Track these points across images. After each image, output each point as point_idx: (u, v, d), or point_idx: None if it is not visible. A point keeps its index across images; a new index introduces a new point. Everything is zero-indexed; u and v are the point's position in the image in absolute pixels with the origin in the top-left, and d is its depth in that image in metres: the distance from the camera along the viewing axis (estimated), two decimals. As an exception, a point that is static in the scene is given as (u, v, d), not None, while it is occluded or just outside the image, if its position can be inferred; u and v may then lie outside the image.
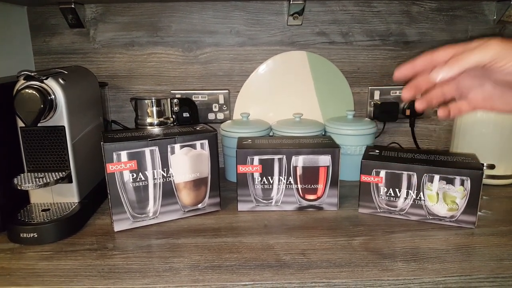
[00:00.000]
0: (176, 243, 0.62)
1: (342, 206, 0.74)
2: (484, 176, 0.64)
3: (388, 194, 0.69)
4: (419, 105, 0.52)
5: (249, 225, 0.68)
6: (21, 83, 0.63)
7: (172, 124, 0.87)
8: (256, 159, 0.71)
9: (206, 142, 0.70)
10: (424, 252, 0.58)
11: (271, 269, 0.54)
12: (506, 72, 0.43)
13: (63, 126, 0.66)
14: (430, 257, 0.57)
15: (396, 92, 1.01)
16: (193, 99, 0.97)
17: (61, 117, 0.66)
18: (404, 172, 0.67)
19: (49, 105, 0.63)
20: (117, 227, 0.66)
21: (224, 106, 1.00)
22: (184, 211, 0.71)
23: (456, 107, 0.52)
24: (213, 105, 1.00)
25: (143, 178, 0.66)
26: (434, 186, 0.66)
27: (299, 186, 0.72)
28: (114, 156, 0.63)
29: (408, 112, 1.00)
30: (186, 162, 0.68)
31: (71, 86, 0.68)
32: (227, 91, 0.99)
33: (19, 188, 0.62)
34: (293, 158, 0.71)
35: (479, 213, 0.65)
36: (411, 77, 0.50)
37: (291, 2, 0.90)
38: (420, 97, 0.52)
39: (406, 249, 0.59)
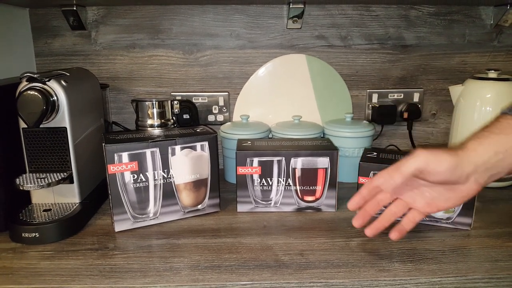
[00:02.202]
0: (176, 243, 0.63)
1: (340, 208, 0.75)
2: (480, 179, 0.65)
3: (385, 196, 0.70)
4: (369, 233, 0.57)
5: (248, 226, 0.68)
6: (24, 84, 0.64)
7: (172, 126, 0.88)
8: (255, 160, 0.72)
9: (206, 143, 0.71)
10: (421, 253, 0.59)
11: (270, 269, 0.55)
12: (435, 177, 0.49)
13: (65, 128, 0.67)
14: (426, 258, 0.58)
15: (394, 95, 1.02)
16: (194, 101, 0.98)
17: (63, 118, 0.66)
18: (401, 174, 0.68)
19: (51, 107, 0.64)
20: (118, 227, 0.66)
21: (224, 108, 1.01)
22: (184, 211, 0.71)
23: (408, 219, 0.56)
24: (213, 107, 1.00)
25: (143, 179, 0.66)
26: (431, 188, 0.67)
27: (298, 187, 0.73)
28: (116, 157, 0.64)
29: (406, 115, 1.01)
30: (187, 164, 0.69)
31: (73, 88, 0.69)
32: (227, 93, 1.00)
33: (21, 188, 0.63)
34: (292, 160, 0.72)
35: (474, 215, 0.66)
36: (362, 205, 0.56)
37: (290, 6, 0.91)
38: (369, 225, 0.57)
39: (403, 250, 0.60)
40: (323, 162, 0.72)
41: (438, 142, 1.06)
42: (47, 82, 0.64)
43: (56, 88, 0.65)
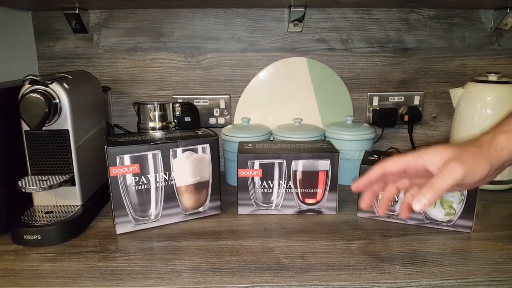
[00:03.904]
0: (178, 245, 0.63)
1: (341, 210, 0.75)
2: (480, 182, 0.65)
3: (386, 199, 0.70)
4: (379, 213, 0.55)
5: (249, 229, 0.69)
6: (27, 87, 0.64)
7: (174, 129, 0.88)
8: (256, 163, 0.72)
9: (207, 146, 0.71)
10: (422, 256, 0.59)
11: (271, 272, 0.55)
12: (468, 185, 0.46)
13: (67, 130, 0.67)
14: (427, 261, 0.58)
15: (394, 98, 1.02)
16: (195, 103, 0.98)
17: (65, 121, 0.67)
18: (402, 177, 0.68)
19: (53, 109, 0.64)
20: (119, 229, 0.67)
21: (225, 111, 1.01)
22: (186, 214, 0.71)
23: (410, 195, 0.52)
24: (214, 109, 1.01)
25: (145, 182, 0.67)
26: (432, 191, 0.67)
27: (299, 190, 0.73)
28: (117, 160, 0.64)
29: (406, 118, 1.01)
30: (188, 166, 0.70)
31: (75, 91, 0.69)
32: (228, 96, 1.00)
33: (23, 190, 0.63)
34: (293, 162, 0.72)
35: (475, 217, 0.66)
36: (367, 188, 0.53)
37: (291, 9, 0.91)
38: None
39: (404, 252, 0.60)
40: (324, 164, 0.72)
41: (438, 145, 1.06)
42: (49, 85, 0.65)
43: (59, 91, 0.65)
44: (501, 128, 0.47)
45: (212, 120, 1.01)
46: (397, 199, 0.69)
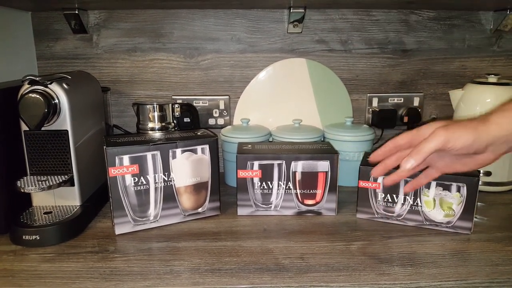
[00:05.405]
0: (177, 246, 0.63)
1: (340, 212, 0.75)
2: (480, 183, 0.65)
3: (385, 200, 0.70)
4: (386, 183, 0.58)
5: (248, 229, 0.69)
6: (26, 87, 0.64)
7: (173, 129, 0.88)
8: (256, 164, 0.72)
9: (207, 147, 0.71)
10: (421, 257, 0.59)
11: (270, 273, 0.55)
12: (454, 151, 0.51)
13: (66, 130, 0.67)
14: (426, 262, 0.58)
15: (394, 100, 1.02)
16: (194, 104, 0.98)
17: (64, 121, 0.67)
18: (401, 178, 0.68)
19: (53, 110, 0.64)
20: (118, 230, 0.67)
21: (225, 111, 1.01)
22: (185, 215, 0.71)
23: (424, 175, 0.60)
24: (214, 110, 1.01)
25: (144, 182, 0.66)
26: (431, 192, 0.67)
27: (298, 191, 0.73)
28: (117, 160, 0.64)
29: (406, 119, 1.01)
30: (187, 167, 0.69)
31: (75, 91, 0.69)
32: (227, 97, 1.00)
33: (22, 190, 0.63)
34: (293, 163, 0.72)
35: (475, 219, 0.66)
36: (382, 160, 0.58)
37: (291, 10, 0.91)
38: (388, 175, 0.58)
39: (403, 254, 0.60)
40: (323, 165, 0.72)
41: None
42: (49, 85, 0.65)
43: (58, 91, 0.65)
44: (497, 108, 0.51)
45: (211, 121, 1.01)
46: (396, 200, 0.69)
